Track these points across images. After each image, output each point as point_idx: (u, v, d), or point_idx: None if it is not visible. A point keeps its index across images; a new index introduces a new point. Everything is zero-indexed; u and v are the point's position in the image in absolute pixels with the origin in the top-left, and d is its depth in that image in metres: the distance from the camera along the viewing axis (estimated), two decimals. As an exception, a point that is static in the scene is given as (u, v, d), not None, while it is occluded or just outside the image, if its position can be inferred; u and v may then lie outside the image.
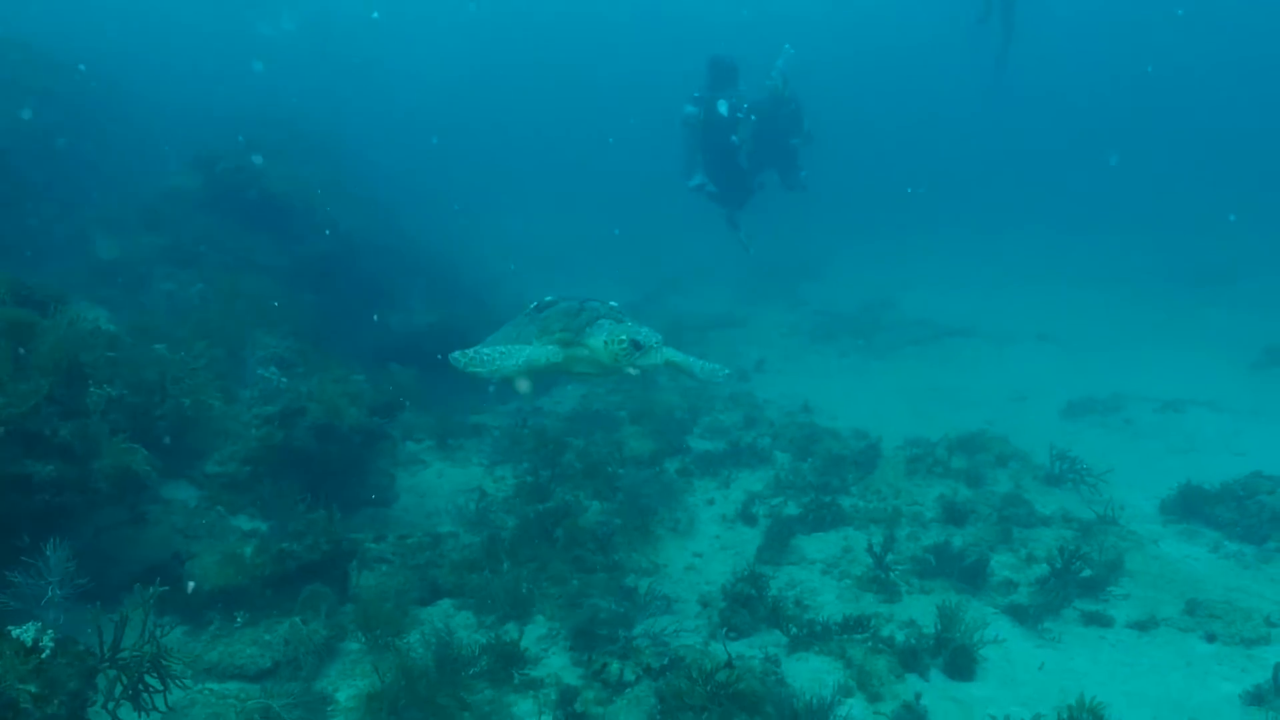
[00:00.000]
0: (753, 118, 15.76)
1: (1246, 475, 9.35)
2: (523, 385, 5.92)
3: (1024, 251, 25.89)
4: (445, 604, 7.15)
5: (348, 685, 5.84)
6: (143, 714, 4.25)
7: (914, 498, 9.67)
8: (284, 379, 9.04)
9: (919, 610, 7.18)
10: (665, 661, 6.12)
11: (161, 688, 4.30)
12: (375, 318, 13.17)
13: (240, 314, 10.01)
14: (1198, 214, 27.62)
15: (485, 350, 5.86)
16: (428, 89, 46.79)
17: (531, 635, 6.69)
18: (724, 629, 6.95)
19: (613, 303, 6.14)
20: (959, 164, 41.30)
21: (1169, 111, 43.12)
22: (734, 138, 15.94)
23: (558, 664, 6.36)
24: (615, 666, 6.07)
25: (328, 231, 13.97)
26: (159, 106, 20.61)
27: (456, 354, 5.87)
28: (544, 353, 5.88)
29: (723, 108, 15.68)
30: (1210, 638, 6.90)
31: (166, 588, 4.32)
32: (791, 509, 9.39)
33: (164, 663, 4.22)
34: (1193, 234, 25.77)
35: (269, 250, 12.96)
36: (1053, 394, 14.68)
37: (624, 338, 5.70)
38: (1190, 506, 9.31)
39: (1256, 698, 6.01)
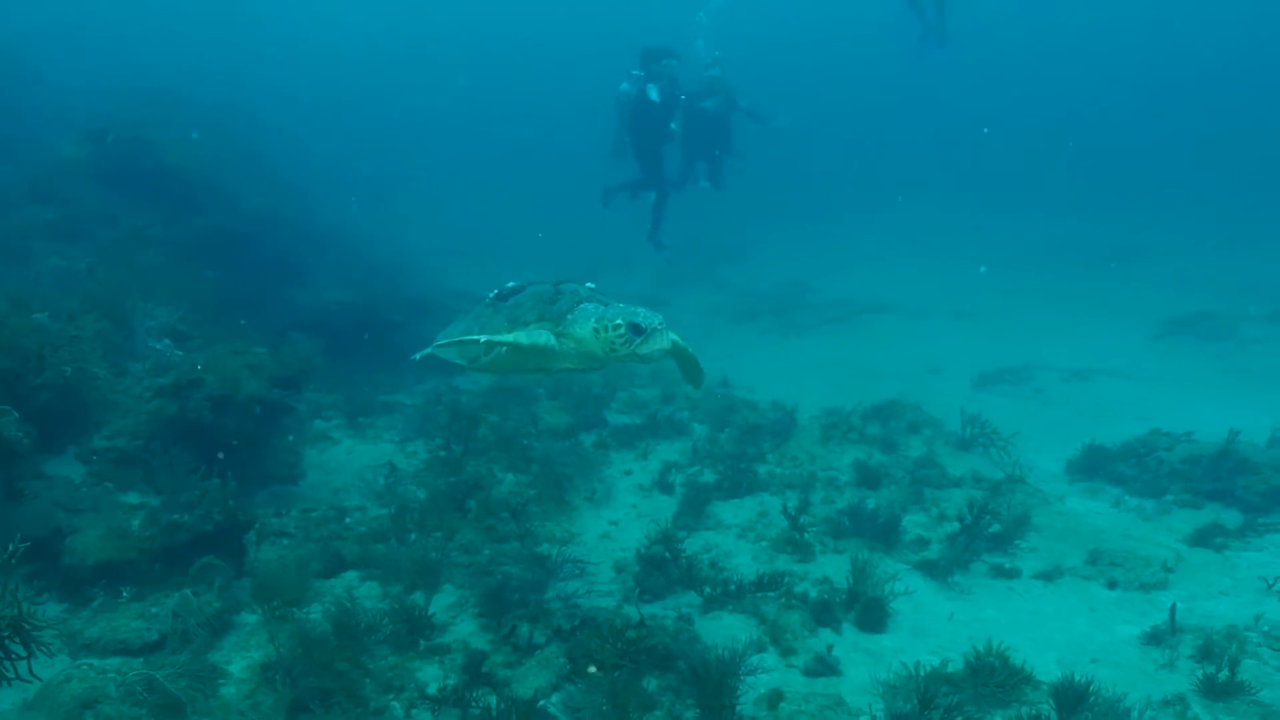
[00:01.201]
0: (682, 98, 15.65)
1: (1146, 433, 9.64)
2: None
3: (940, 232, 26.45)
4: (350, 575, 6.91)
5: (242, 657, 5.56)
6: (3, 683, 3.95)
7: (829, 463, 9.72)
8: (179, 351, 8.62)
9: (833, 568, 7.19)
10: (576, 623, 6.00)
11: (26, 654, 3.99)
12: (283, 294, 12.73)
13: (133, 287, 9.50)
14: (1103, 197, 28.61)
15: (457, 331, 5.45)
16: (349, 69, 45.67)
17: (440, 604, 6.49)
18: (638, 591, 6.85)
19: (589, 284, 5.45)
20: (878, 148, 42.01)
21: (1082, 97, 44.57)
22: (673, 125, 15.81)
23: (466, 630, 6.18)
24: (525, 629, 5.91)
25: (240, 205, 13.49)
26: (59, 80, 19.68)
27: (432, 350, 5.68)
28: (535, 337, 5.12)
29: (653, 93, 15.54)
30: (1111, 584, 7.06)
31: (26, 544, 3.99)
32: (708, 477, 9.34)
33: (27, 627, 3.92)
34: (1097, 216, 26.67)
35: (165, 224, 12.39)
36: (966, 366, 14.97)
37: (619, 321, 4.85)
38: (1094, 465, 9.56)
39: (1154, 638, 6.15)
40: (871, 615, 6.43)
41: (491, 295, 5.62)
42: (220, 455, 7.34)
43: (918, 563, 7.43)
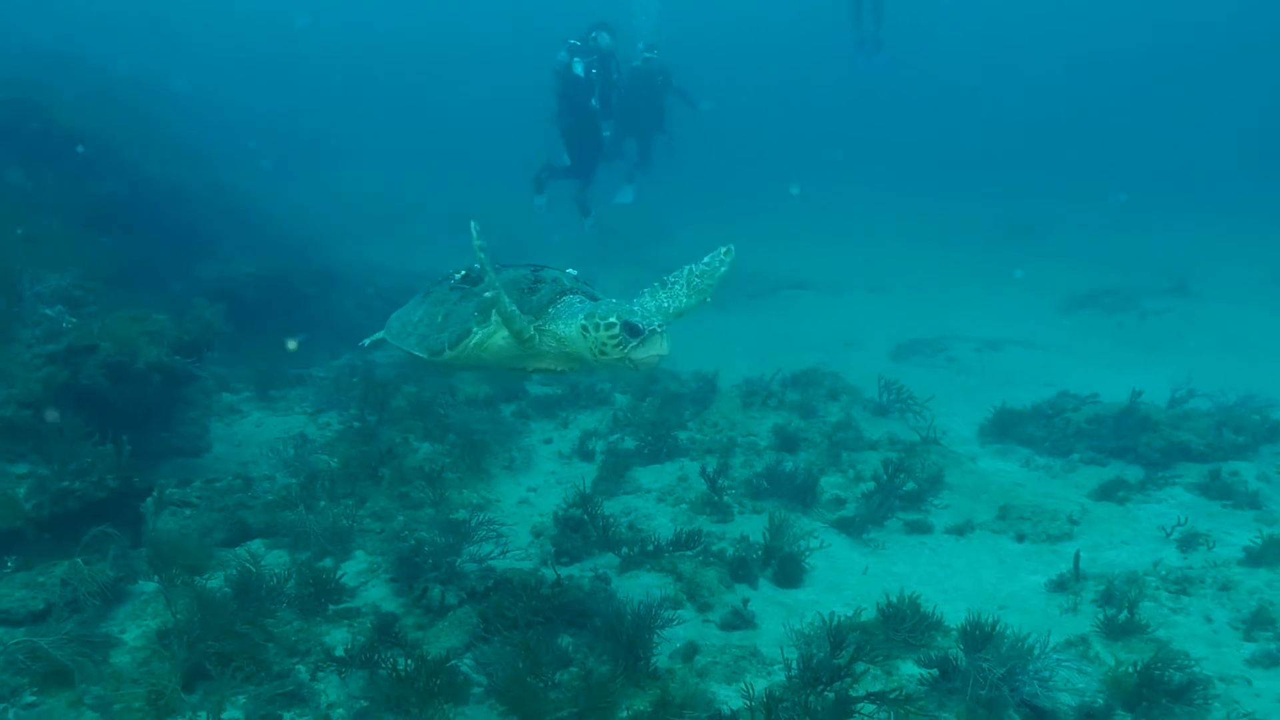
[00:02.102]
0: (599, 73, 15.44)
1: (1054, 395, 9.91)
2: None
3: (858, 210, 26.84)
4: (256, 544, 6.65)
5: (137, 626, 5.31)
6: None
7: (749, 429, 9.76)
8: (72, 318, 8.18)
9: (751, 528, 7.20)
10: (490, 584, 5.89)
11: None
12: (189, 264, 12.24)
13: (19, 252, 9.00)
14: (1012, 177, 29.38)
15: (404, 321, 4.86)
16: (273, 40, 44.17)
17: (351, 570, 6.32)
18: (555, 553, 6.77)
19: (571, 270, 4.84)
20: (798, 129, 42.39)
21: (994, 77, 45.66)
22: (593, 101, 15.60)
23: (378, 594, 6.01)
24: (436, 591, 5.78)
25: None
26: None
27: (384, 336, 5.13)
28: (493, 338, 4.48)
29: (578, 67, 15.34)
30: (1020, 537, 7.24)
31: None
32: (629, 444, 9.29)
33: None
34: (1008, 195, 27.37)
35: (58, 189, 11.76)
36: (883, 339, 15.22)
37: (613, 319, 4.16)
38: (1005, 428, 9.79)
39: (1059, 585, 6.33)
40: (788, 571, 6.47)
41: (458, 276, 4.96)
42: (117, 423, 6.98)
43: (834, 521, 7.51)
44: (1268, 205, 25.00)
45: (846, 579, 6.58)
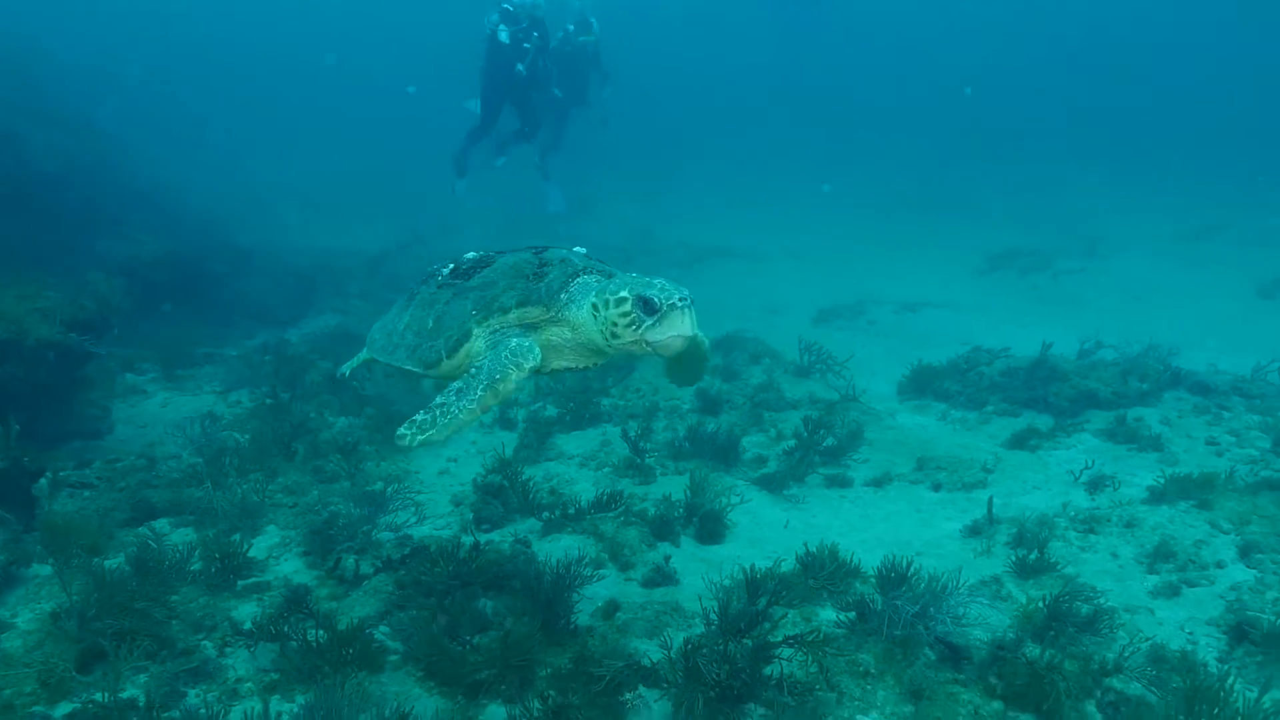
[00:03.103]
0: (534, 39, 15.13)
1: (969, 351, 10.10)
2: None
3: (781, 181, 27.03)
4: (161, 523, 6.40)
5: (30, 610, 5.06)
6: None
7: (672, 394, 9.72)
8: (-45, 298, 7.74)
9: (674, 488, 7.17)
10: (407, 552, 5.77)
11: None
12: (89, 243, 11.71)
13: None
14: (932, 146, 29.90)
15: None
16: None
17: (262, 545, 6.13)
18: (474, 520, 6.67)
19: (579, 248, 4.31)
20: (723, 103, 42.49)
21: (916, 53, 46.29)
22: (520, 67, 15.25)
23: (290, 568, 5.84)
24: (350, 561, 5.64)
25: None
26: None
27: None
28: (510, 365, 3.85)
29: (503, 34, 15.01)
30: (936, 487, 7.36)
31: None
32: (551, 411, 9.19)
33: None
34: (928, 163, 27.85)
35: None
36: (805, 304, 15.34)
37: (624, 294, 3.64)
38: (922, 384, 9.93)
39: (974, 530, 6.45)
40: (709, 528, 6.47)
41: (446, 271, 4.34)
42: (4, 404, 6.64)
43: (757, 479, 7.53)
44: (1172, 168, 25.92)
45: (768, 533, 6.61)
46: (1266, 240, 18.42)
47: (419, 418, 3.92)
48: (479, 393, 3.87)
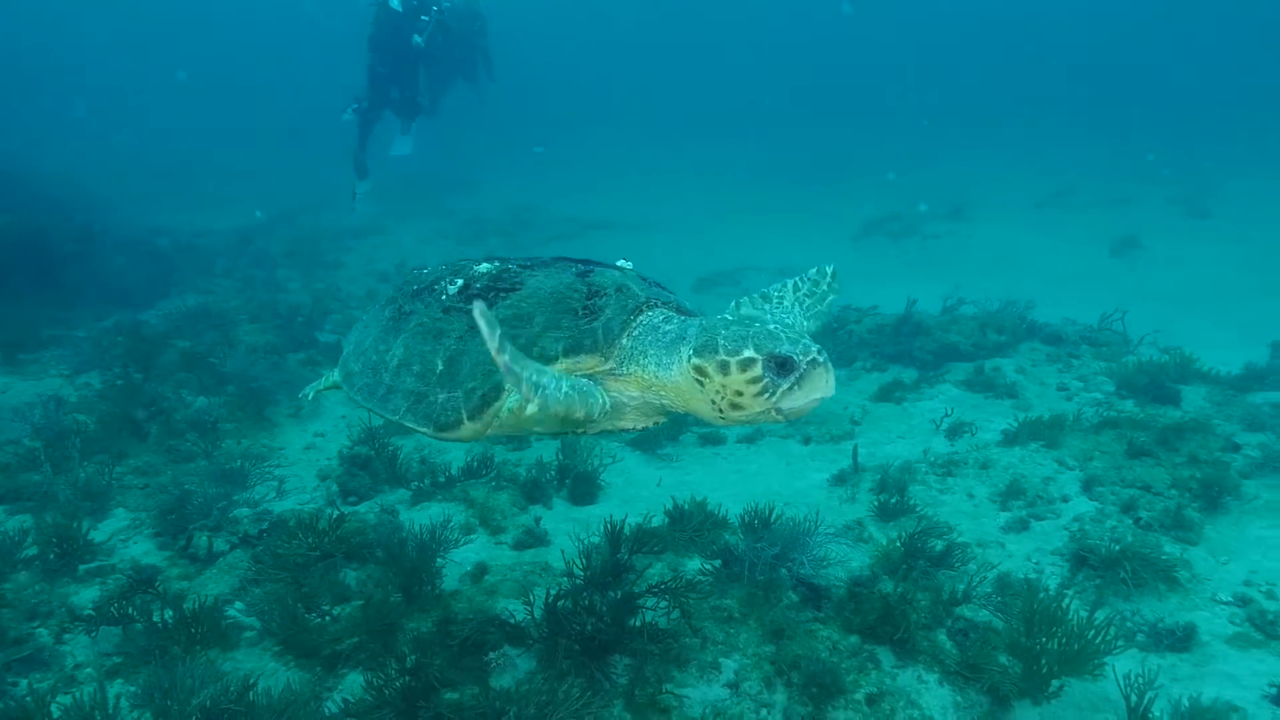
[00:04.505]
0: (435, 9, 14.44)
1: (839, 310, 10.33)
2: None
3: (667, 154, 27.14)
4: (-5, 512, 5.99)
5: None
6: None
7: (549, 361, 9.64)
8: None
9: (547, 452, 7.12)
10: (265, 526, 5.56)
11: None
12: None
13: None
14: (812, 118, 30.48)
15: None
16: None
17: (109, 528, 5.80)
18: (340, 493, 6.47)
19: (624, 261, 3.45)
20: (607, 78, 42.32)
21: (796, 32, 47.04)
22: (417, 38, 14.50)
23: (139, 550, 5.55)
24: (203, 539, 5.40)
25: None
26: None
27: (334, 376, 3.55)
28: (582, 397, 2.88)
29: (396, 2, 14.33)
30: (806, 440, 7.52)
31: None
32: (425, 383, 8.99)
33: None
34: (806, 135, 28.39)
35: None
36: (686, 273, 15.45)
37: (748, 352, 2.75)
38: (795, 344, 10.11)
39: (840, 479, 6.62)
40: (582, 489, 6.45)
41: (453, 289, 3.28)
42: None
43: (630, 440, 7.54)
44: (1032, 139, 27.11)
45: (641, 492, 6.63)
46: (1118, 204, 19.46)
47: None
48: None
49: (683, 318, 3.09)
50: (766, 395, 2.78)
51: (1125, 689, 3.80)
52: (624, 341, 3.02)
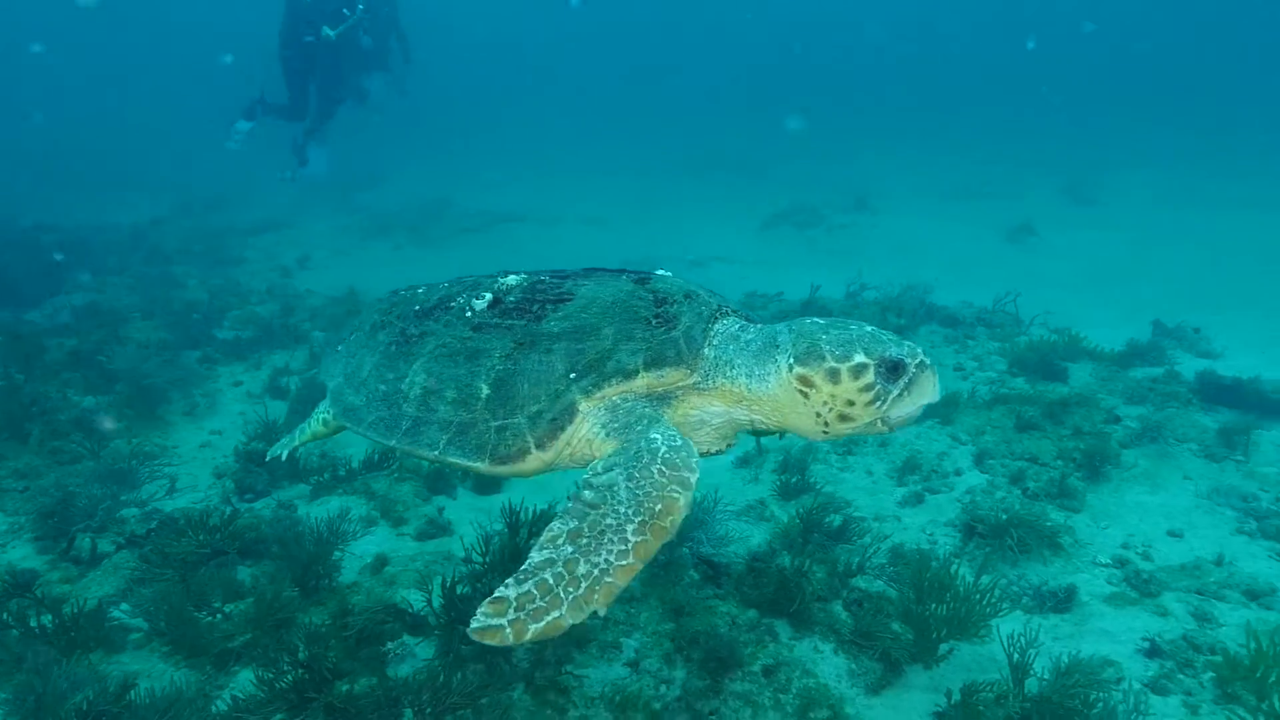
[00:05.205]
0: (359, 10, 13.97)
1: (743, 296, 10.48)
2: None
3: (576, 149, 27.08)
4: None
5: None
6: None
7: (456, 353, 9.54)
8: None
9: (452, 443, 7.05)
10: (153, 525, 5.36)
11: None
12: None
13: None
14: (719, 114, 30.78)
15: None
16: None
17: (-16, 536, 5.52)
18: (237, 490, 6.28)
19: (663, 270, 3.27)
20: (519, 74, 42.02)
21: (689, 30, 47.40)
22: (328, 30, 13.99)
23: (18, 555, 5.29)
24: (86, 540, 5.19)
25: None
26: None
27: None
28: (672, 484, 2.55)
29: None
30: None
31: None
32: (327, 377, 8.79)
33: None
34: (714, 130, 28.67)
35: None
36: (597, 265, 15.43)
37: (859, 356, 2.63)
38: (703, 332, 10.22)
39: (744, 460, 6.71)
40: (487, 477, 6.39)
41: (482, 304, 3.05)
42: None
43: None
44: (933, 133, 27.89)
45: (550, 479, 6.54)
46: (1013, 194, 20.16)
47: (509, 594, 2.32)
48: (629, 542, 2.45)
49: (755, 324, 2.95)
50: (878, 404, 2.64)
51: (1009, 648, 3.94)
52: (707, 351, 2.82)
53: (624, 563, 2.41)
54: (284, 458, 3.82)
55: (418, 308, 3.26)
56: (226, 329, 11.05)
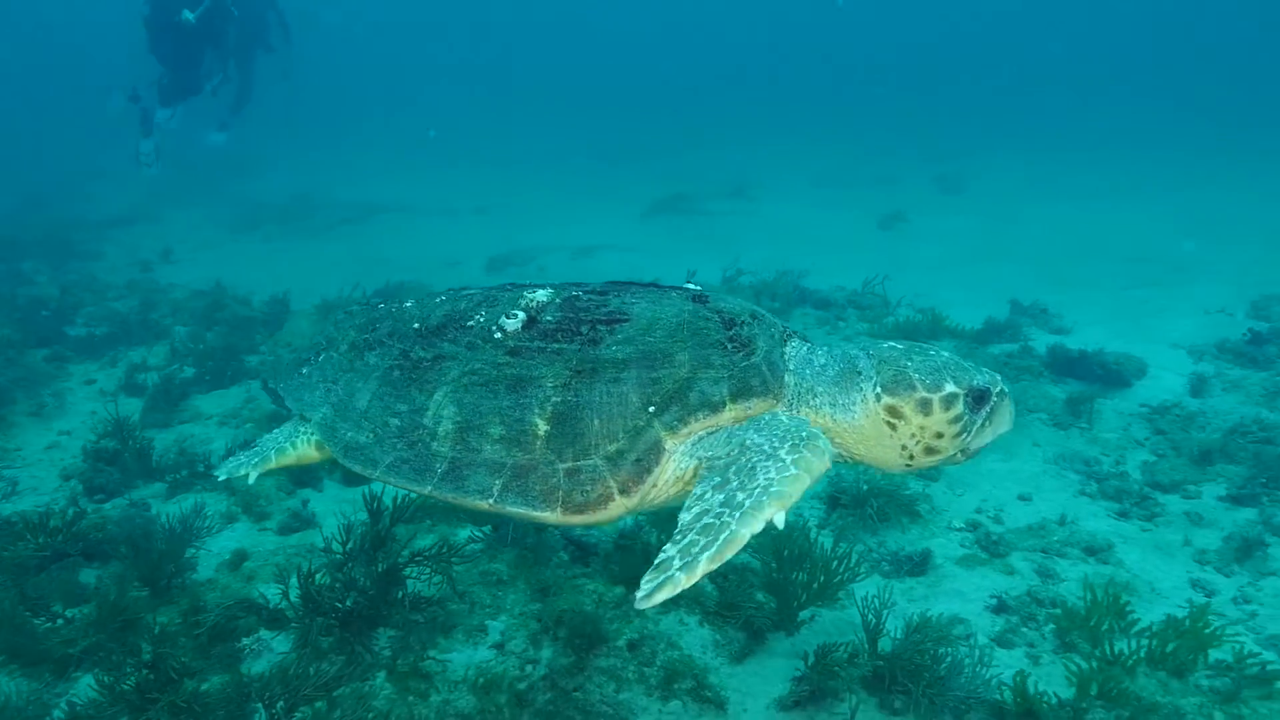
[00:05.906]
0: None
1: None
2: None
3: (468, 138, 26.74)
4: None
5: None
6: None
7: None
8: None
9: (321, 435, 6.85)
10: (-14, 530, 5.02)
11: None
12: None
13: None
14: (609, 107, 30.82)
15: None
16: None
17: None
18: (85, 490, 5.96)
19: (692, 285, 3.07)
20: (406, 62, 41.10)
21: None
22: (186, 12, 13.30)
23: None
24: (-93, 548, 4.81)
25: None
26: None
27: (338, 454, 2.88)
28: (808, 454, 2.42)
29: None
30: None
31: None
32: (188, 372, 8.42)
33: None
34: (601, 120, 28.70)
35: None
36: (482, 254, 15.25)
37: (949, 386, 2.58)
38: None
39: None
40: (356, 468, 6.23)
41: (514, 324, 2.74)
42: None
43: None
44: (813, 125, 28.61)
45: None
46: (886, 183, 20.82)
47: (670, 552, 2.26)
48: (784, 461, 2.35)
49: (821, 346, 2.83)
50: (964, 435, 2.57)
51: (864, 610, 4.08)
52: (789, 380, 2.66)
53: (790, 473, 2.32)
54: (251, 480, 3.35)
55: (417, 325, 2.94)
56: (80, 325, 10.47)
